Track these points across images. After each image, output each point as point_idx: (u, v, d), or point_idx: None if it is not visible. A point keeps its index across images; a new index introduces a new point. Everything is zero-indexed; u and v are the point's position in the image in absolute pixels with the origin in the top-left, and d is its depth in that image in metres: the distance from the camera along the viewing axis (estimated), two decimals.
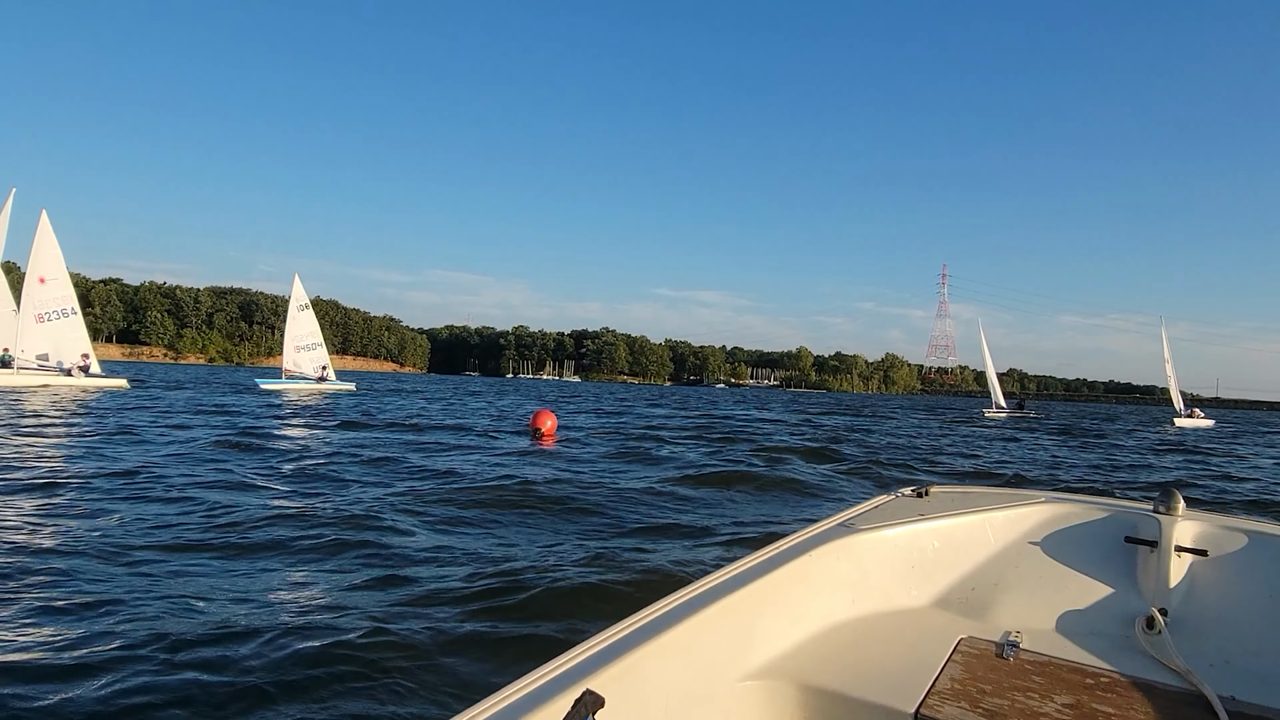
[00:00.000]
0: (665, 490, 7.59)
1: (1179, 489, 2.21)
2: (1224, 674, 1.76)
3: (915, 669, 1.69)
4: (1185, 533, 2.10)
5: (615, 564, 4.35)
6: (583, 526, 5.75)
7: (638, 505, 6.67)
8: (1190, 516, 2.16)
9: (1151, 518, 2.15)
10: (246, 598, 3.65)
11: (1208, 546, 2.07)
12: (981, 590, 2.13)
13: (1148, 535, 2.12)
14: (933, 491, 2.54)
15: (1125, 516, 2.23)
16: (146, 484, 6.79)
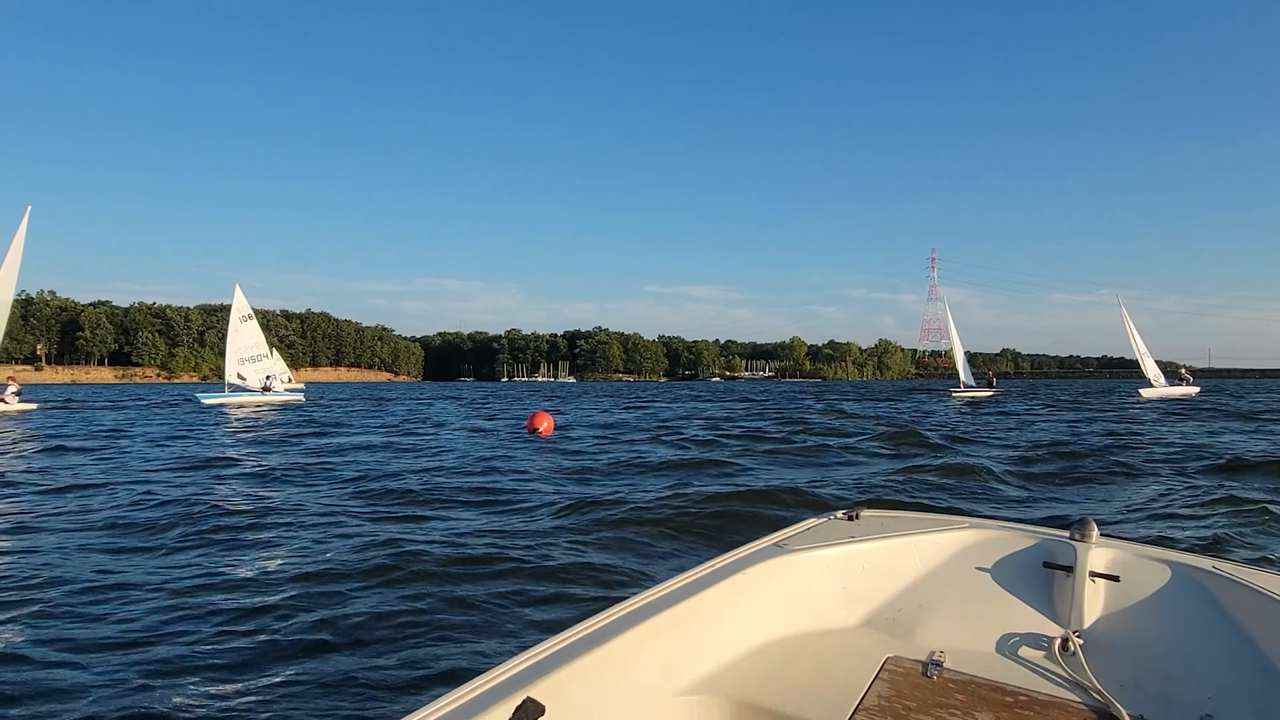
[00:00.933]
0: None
1: (1094, 519, 2.29)
2: (1135, 695, 1.82)
3: (843, 687, 1.74)
4: (1099, 559, 2.18)
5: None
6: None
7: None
8: (1104, 544, 2.24)
9: (1068, 544, 2.23)
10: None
11: (1119, 572, 2.15)
12: (908, 611, 2.18)
13: (1064, 561, 2.19)
14: (864, 515, 2.60)
15: (1044, 543, 2.31)
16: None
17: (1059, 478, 8.55)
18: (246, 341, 30.81)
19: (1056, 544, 2.28)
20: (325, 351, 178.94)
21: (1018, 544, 2.34)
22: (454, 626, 3.43)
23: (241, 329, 30.87)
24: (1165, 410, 24.03)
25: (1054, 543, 2.29)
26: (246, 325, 31.02)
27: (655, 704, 1.56)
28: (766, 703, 1.64)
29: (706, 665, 1.75)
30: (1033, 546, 2.31)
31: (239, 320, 30.90)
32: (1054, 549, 2.26)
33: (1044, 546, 2.29)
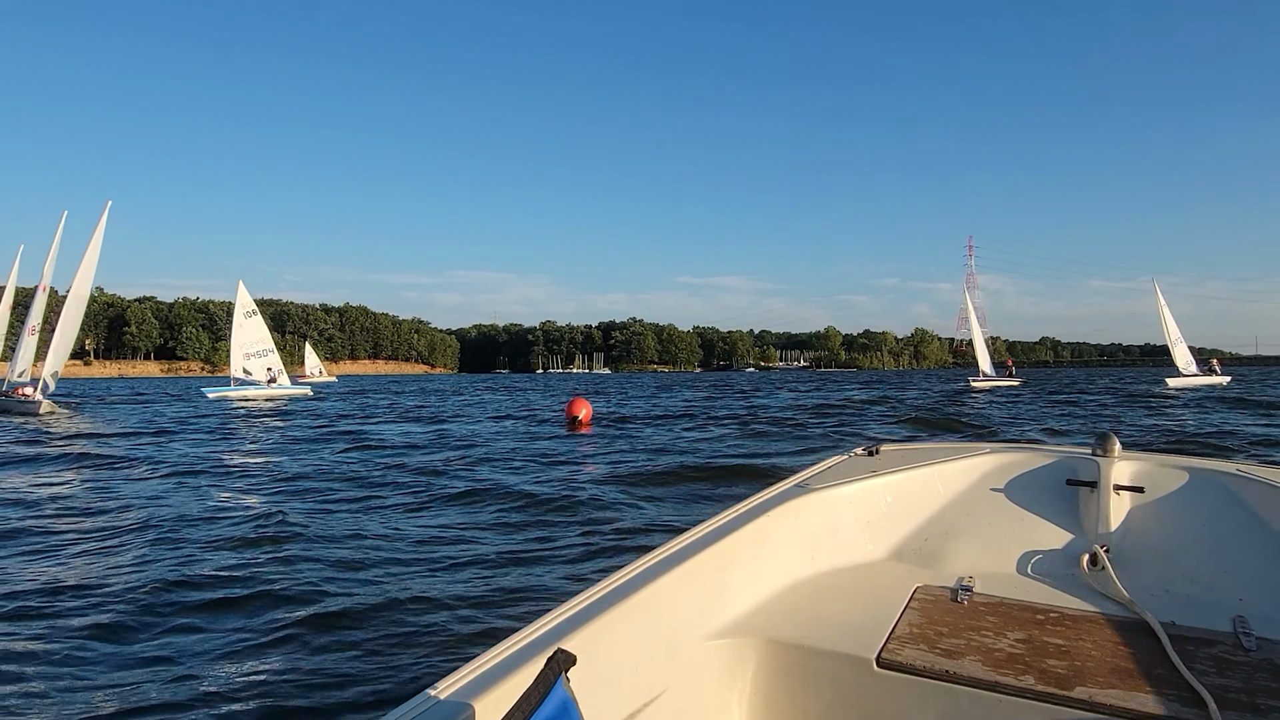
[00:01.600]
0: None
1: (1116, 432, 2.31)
2: (1164, 601, 1.85)
3: (874, 618, 1.76)
4: (1122, 472, 2.21)
5: None
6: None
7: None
8: (1126, 457, 2.27)
9: (1090, 460, 2.26)
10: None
11: (1144, 484, 2.18)
12: (934, 540, 2.20)
13: (1087, 477, 2.22)
14: (883, 450, 2.62)
15: (1066, 461, 2.33)
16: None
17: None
18: (251, 337, 31.00)
19: (1079, 461, 2.29)
20: (363, 344, 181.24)
21: (1039, 463, 2.35)
22: None
23: (246, 324, 31.03)
24: (1184, 400, 22.70)
25: (1076, 460, 2.31)
26: (251, 321, 31.24)
27: (687, 648, 1.58)
28: (799, 639, 1.65)
29: (737, 608, 1.77)
30: (1055, 465, 2.33)
31: (243, 316, 31.08)
32: (1076, 466, 2.28)
33: (1066, 464, 2.31)
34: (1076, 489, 2.23)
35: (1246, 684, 1.44)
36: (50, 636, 3.31)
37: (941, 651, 1.59)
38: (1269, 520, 1.99)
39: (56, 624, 3.47)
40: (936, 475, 2.35)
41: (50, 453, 10.80)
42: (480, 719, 1.03)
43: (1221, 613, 1.77)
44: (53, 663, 3.02)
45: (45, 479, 8.37)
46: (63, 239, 22.99)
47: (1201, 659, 1.54)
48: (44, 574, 4.31)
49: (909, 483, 2.32)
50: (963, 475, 2.37)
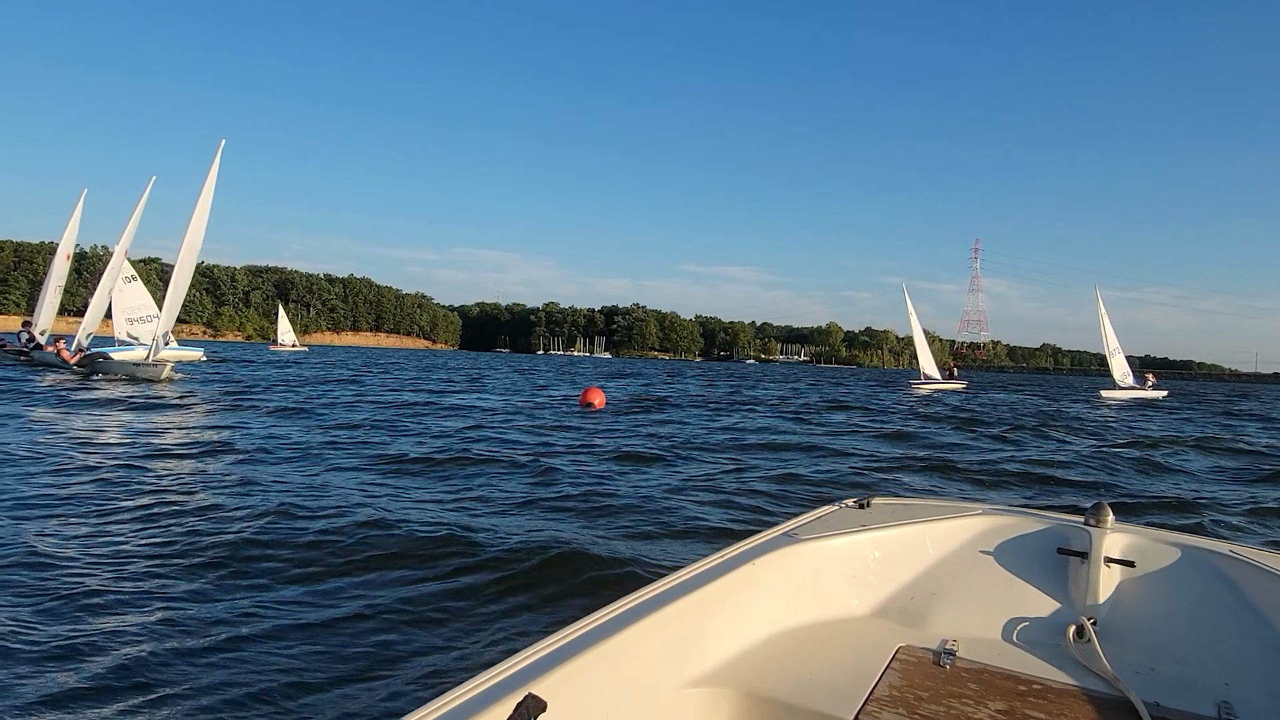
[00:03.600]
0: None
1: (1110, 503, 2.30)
2: (1149, 681, 1.83)
3: (854, 677, 1.73)
4: (1114, 544, 2.18)
5: None
6: None
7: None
8: (1119, 529, 2.25)
9: (1082, 530, 2.24)
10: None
11: (1135, 558, 2.16)
12: (920, 599, 2.18)
13: (1079, 547, 2.19)
14: (874, 503, 2.59)
15: (1058, 529, 2.30)
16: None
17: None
18: (134, 302, 29.40)
19: (1070, 529, 2.27)
20: (365, 317, 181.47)
21: (1031, 529, 2.33)
22: None
23: (126, 290, 29.25)
24: (1104, 411, 22.91)
25: (1068, 528, 2.28)
26: (131, 286, 29.56)
27: (663, 697, 1.56)
28: (776, 693, 1.64)
29: (715, 657, 1.74)
30: (1046, 531, 2.30)
31: (123, 281, 29.13)
32: (1068, 534, 2.26)
33: (1058, 532, 2.29)
34: (1067, 558, 2.20)
35: None
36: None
37: (920, 717, 1.57)
38: (1259, 605, 1.96)
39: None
40: (926, 534, 2.33)
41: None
42: None
43: (1206, 697, 1.74)
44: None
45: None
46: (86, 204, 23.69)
47: None
48: None
49: (898, 539, 2.30)
50: (953, 535, 2.34)
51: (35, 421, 9.69)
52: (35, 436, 8.26)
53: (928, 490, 6.85)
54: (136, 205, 23.75)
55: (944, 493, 6.59)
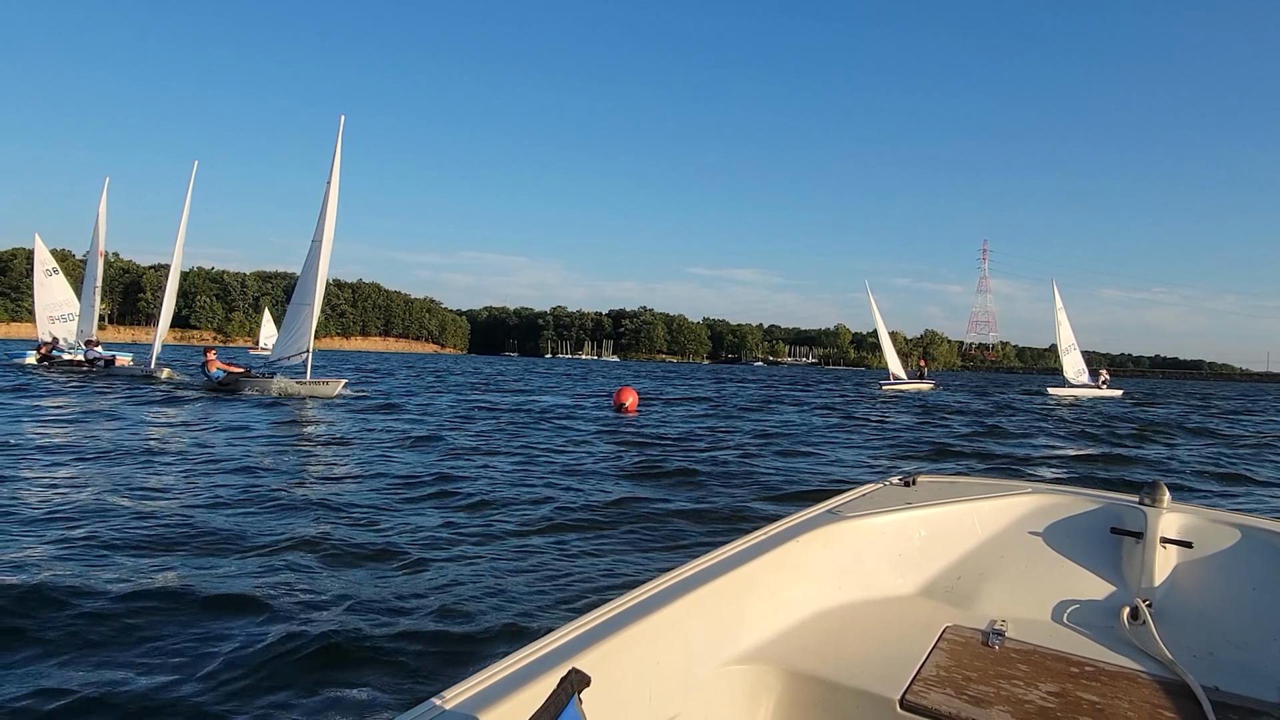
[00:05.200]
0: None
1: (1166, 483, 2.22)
2: (1207, 665, 1.76)
3: (901, 656, 1.70)
4: (1170, 525, 2.10)
5: None
6: None
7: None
8: (1175, 509, 2.16)
9: (1137, 509, 2.15)
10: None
11: (1192, 538, 2.07)
12: (967, 579, 2.13)
13: (1133, 527, 2.12)
14: (920, 480, 2.54)
15: (1111, 508, 2.23)
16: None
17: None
18: (56, 298, 25.78)
19: (1125, 509, 2.20)
20: (374, 321, 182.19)
21: (1083, 509, 2.26)
22: None
23: (47, 284, 25.79)
24: (1048, 407, 23.40)
25: (1122, 507, 2.21)
26: (52, 280, 25.91)
27: (705, 674, 1.55)
28: (819, 672, 1.60)
29: (758, 634, 1.72)
30: (1099, 511, 2.23)
31: (43, 274, 25.76)
32: (1122, 514, 2.18)
33: (1111, 511, 2.21)
34: (1120, 538, 2.14)
35: None
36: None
37: (969, 698, 1.53)
38: None
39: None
40: (974, 512, 2.27)
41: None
42: None
43: (1268, 682, 1.68)
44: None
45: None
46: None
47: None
48: None
49: (944, 518, 2.24)
50: (1001, 514, 2.28)
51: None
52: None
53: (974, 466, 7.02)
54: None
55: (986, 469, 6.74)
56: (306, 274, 17.96)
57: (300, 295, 17.93)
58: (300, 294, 17.95)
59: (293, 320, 17.94)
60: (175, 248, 21.48)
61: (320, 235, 17.56)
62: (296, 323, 17.82)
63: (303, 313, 17.73)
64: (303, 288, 17.95)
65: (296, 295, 18.06)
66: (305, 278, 17.99)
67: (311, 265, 17.76)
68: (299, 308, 17.86)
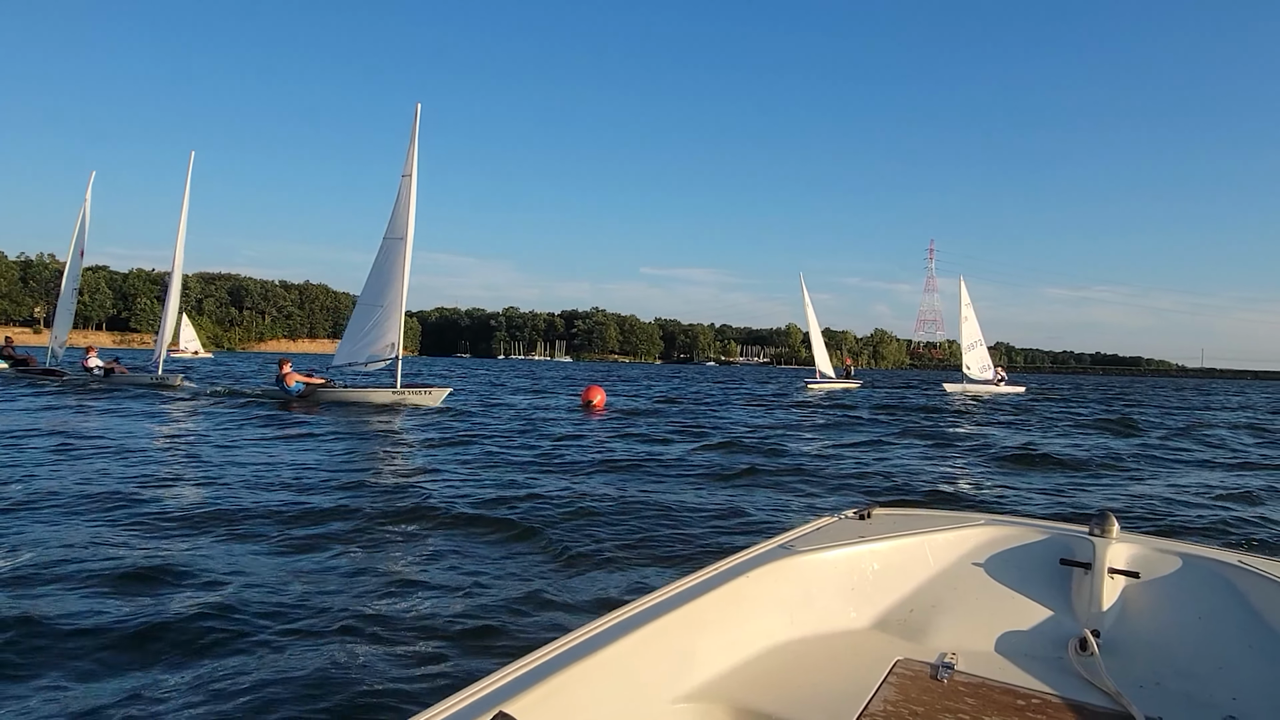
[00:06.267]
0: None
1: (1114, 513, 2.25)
2: (1153, 695, 1.77)
3: (850, 691, 1.69)
4: (1119, 555, 2.12)
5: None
6: None
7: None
8: (1124, 539, 2.19)
9: (1086, 540, 2.18)
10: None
11: (1140, 569, 2.09)
12: (920, 612, 2.13)
13: (1082, 557, 2.14)
14: (875, 513, 2.55)
15: (1061, 539, 2.25)
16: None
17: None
18: None
19: (1074, 539, 2.22)
20: (323, 323, 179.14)
21: (1034, 539, 2.28)
22: None
23: None
24: (944, 403, 24.20)
25: (1071, 538, 2.23)
26: None
27: (652, 713, 1.52)
28: (769, 708, 1.60)
29: (708, 671, 1.71)
30: (1049, 542, 2.25)
31: None
32: (1071, 545, 2.20)
33: (1061, 542, 2.23)
34: (1070, 569, 2.16)
35: None
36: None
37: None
38: (1268, 618, 1.89)
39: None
40: (927, 545, 2.29)
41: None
42: None
43: (1212, 712, 1.69)
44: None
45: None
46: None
47: None
48: None
49: (897, 551, 2.25)
50: (954, 547, 2.30)
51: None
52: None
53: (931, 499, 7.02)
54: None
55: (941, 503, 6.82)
56: (381, 273, 16.62)
57: (372, 295, 16.61)
58: (371, 294, 16.63)
59: (362, 322, 16.57)
60: (176, 248, 20.40)
61: (400, 231, 16.49)
62: (367, 325, 16.43)
63: (374, 314, 16.45)
64: (374, 287, 16.63)
65: (366, 295, 16.74)
66: (379, 276, 16.64)
67: (389, 263, 16.55)
68: (370, 309, 16.56)
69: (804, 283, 35.91)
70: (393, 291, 16.43)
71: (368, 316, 16.54)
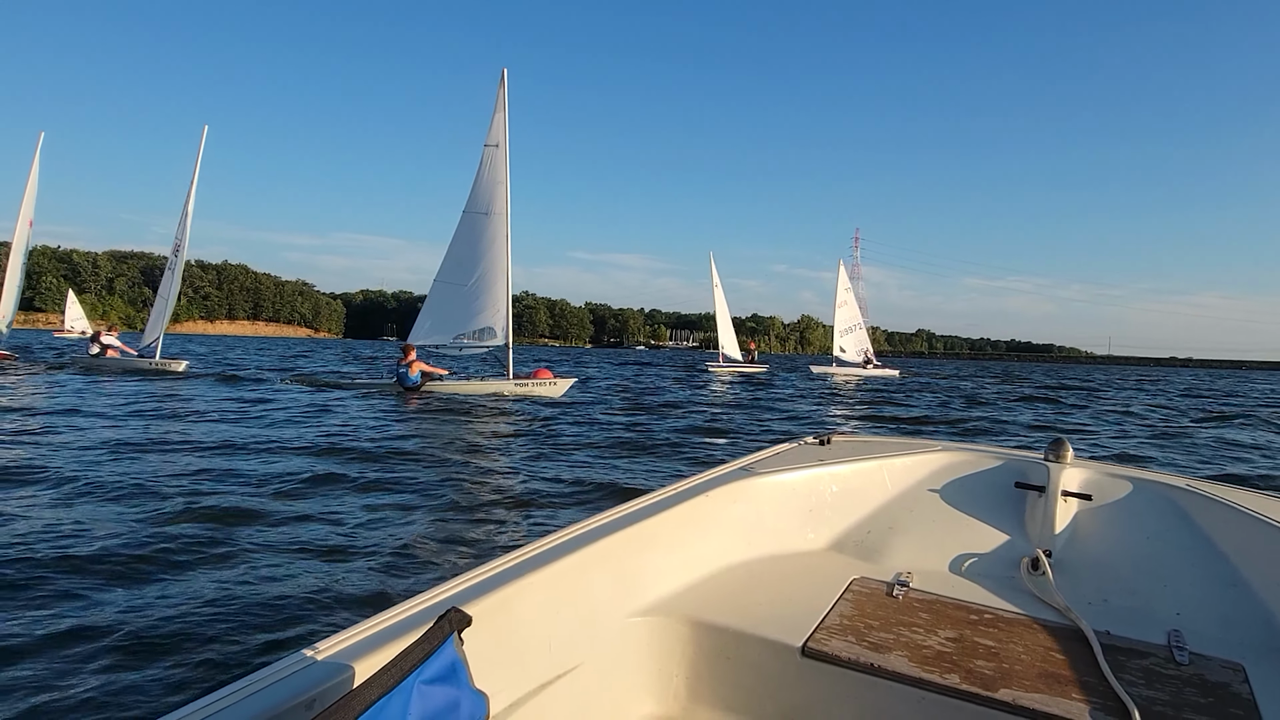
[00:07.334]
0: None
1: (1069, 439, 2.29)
2: (1101, 611, 1.82)
3: (806, 607, 1.72)
4: (1071, 479, 2.16)
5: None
6: None
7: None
8: (1077, 464, 2.22)
9: (1041, 464, 2.21)
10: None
11: (1092, 492, 2.14)
12: (877, 534, 2.16)
13: (1036, 481, 2.18)
14: (835, 440, 2.57)
15: (1016, 464, 2.28)
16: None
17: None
18: None
19: (1029, 464, 2.26)
20: (242, 304, 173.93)
21: (989, 464, 2.32)
22: None
23: None
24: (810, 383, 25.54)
25: (1026, 463, 2.27)
26: None
27: (606, 624, 1.54)
28: (724, 622, 1.62)
29: (665, 587, 1.72)
30: (1004, 466, 2.29)
31: None
32: (1026, 469, 2.24)
33: (1016, 466, 2.27)
34: (1025, 493, 2.20)
35: (1174, 697, 1.42)
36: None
37: (869, 645, 1.57)
38: (1213, 537, 1.97)
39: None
40: (884, 469, 2.32)
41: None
42: (360, 680, 0.94)
43: (1156, 626, 1.75)
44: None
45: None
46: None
47: (1131, 669, 1.52)
48: None
49: (856, 475, 2.28)
50: (911, 471, 2.34)
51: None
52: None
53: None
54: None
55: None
56: (462, 249, 15.43)
57: (452, 273, 15.38)
58: (451, 272, 15.39)
59: (443, 301, 15.37)
60: (184, 221, 18.90)
61: (484, 205, 15.29)
62: (451, 304, 15.24)
63: (456, 293, 15.20)
64: (454, 265, 15.42)
65: (445, 273, 15.46)
66: (458, 253, 15.45)
67: (470, 239, 15.37)
68: (450, 288, 15.35)
69: (714, 264, 36.04)
70: (480, 270, 15.26)
71: (449, 295, 15.37)
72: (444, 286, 15.49)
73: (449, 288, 15.43)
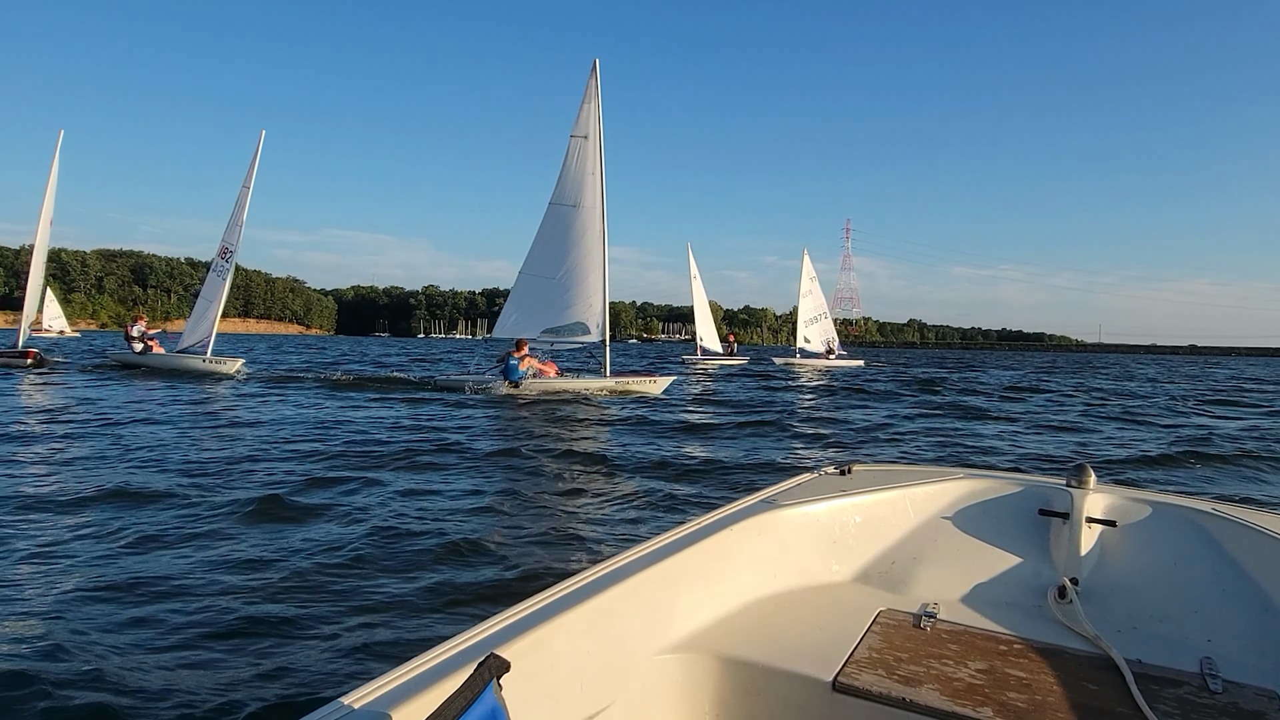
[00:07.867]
0: None
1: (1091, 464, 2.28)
2: (1131, 638, 1.81)
3: (834, 640, 1.71)
4: (1095, 505, 2.15)
5: None
6: None
7: None
8: (1100, 489, 2.21)
9: (1064, 491, 2.19)
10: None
11: (1116, 517, 2.13)
12: (901, 564, 2.15)
13: (1060, 508, 2.16)
14: (855, 469, 2.56)
15: (1039, 490, 2.27)
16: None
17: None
18: None
19: (1052, 491, 2.24)
20: (233, 301, 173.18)
21: (1012, 491, 2.31)
22: None
23: None
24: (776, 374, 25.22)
25: (1049, 490, 2.26)
26: None
27: (637, 662, 1.54)
28: (753, 657, 1.62)
29: (691, 623, 1.72)
30: (1027, 493, 2.28)
31: None
32: (1049, 496, 2.23)
33: (1039, 493, 2.26)
34: (1049, 519, 2.19)
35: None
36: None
37: (900, 678, 1.56)
38: (1240, 561, 1.95)
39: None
40: (907, 498, 2.31)
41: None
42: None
43: (1189, 653, 1.73)
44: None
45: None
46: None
47: (1166, 700, 1.51)
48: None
49: (878, 505, 2.27)
50: (934, 499, 2.32)
51: None
52: None
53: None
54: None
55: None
56: (549, 242, 14.95)
57: (539, 266, 14.93)
58: (538, 264, 14.94)
59: (530, 294, 14.92)
60: (238, 229, 18.82)
61: (572, 198, 14.86)
62: (538, 298, 14.80)
63: (544, 286, 14.74)
64: (541, 258, 14.96)
65: (531, 265, 15.02)
66: (546, 246, 14.97)
67: (558, 232, 14.94)
68: (538, 280, 14.88)
69: (691, 256, 34.85)
70: (569, 264, 14.81)
71: (537, 288, 14.92)
72: (530, 279, 15.04)
73: (536, 280, 14.98)
